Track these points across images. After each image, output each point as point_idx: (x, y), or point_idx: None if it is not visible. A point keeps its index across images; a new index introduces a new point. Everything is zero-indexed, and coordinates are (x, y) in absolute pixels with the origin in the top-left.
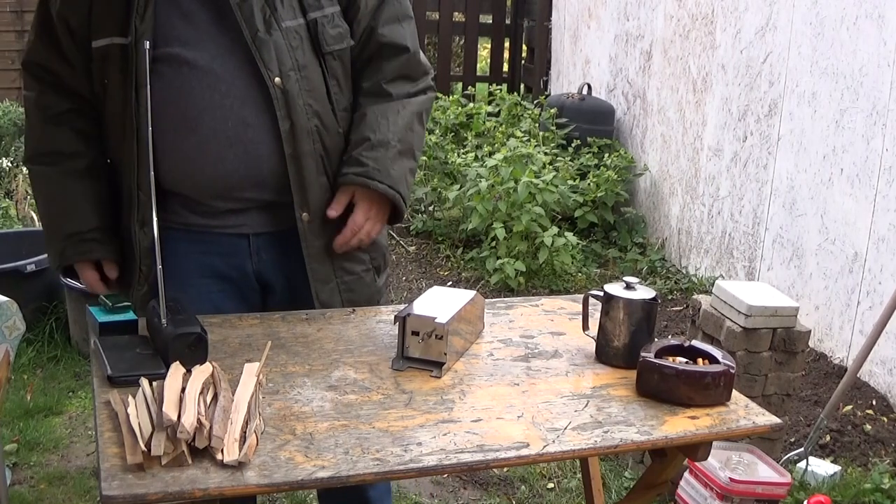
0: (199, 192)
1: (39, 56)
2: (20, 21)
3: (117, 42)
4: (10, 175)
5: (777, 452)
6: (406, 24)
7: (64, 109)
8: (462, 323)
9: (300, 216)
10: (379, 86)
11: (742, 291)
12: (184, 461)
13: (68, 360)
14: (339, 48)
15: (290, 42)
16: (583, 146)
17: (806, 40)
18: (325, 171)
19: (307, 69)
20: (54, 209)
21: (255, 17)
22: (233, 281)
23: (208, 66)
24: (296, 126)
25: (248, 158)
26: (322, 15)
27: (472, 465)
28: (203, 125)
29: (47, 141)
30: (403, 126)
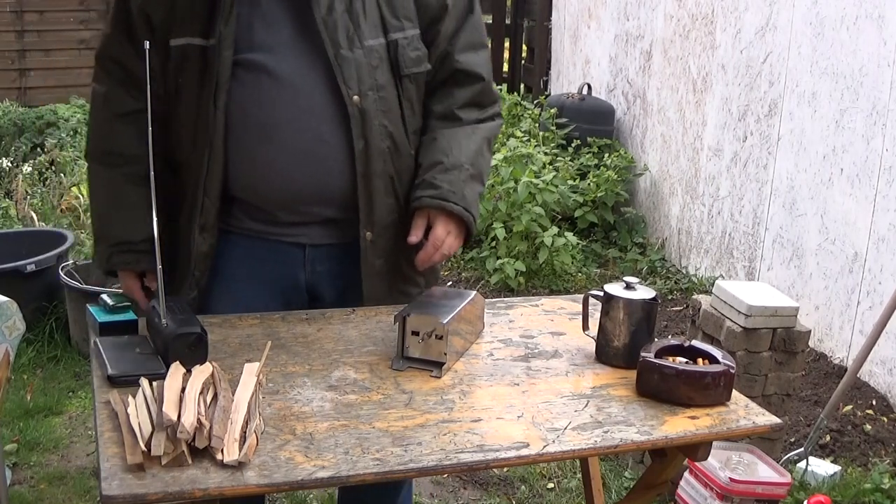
0: (265, 202)
1: (114, 50)
2: (20, 21)
3: (196, 43)
4: (10, 175)
5: (777, 452)
6: (482, 52)
7: (133, 109)
8: (462, 323)
9: (363, 235)
10: (451, 111)
11: (742, 291)
12: (184, 461)
13: (68, 360)
14: (417, 71)
15: (370, 61)
16: (583, 146)
17: (806, 40)
18: (394, 191)
19: (385, 90)
20: (107, 213)
21: (338, 32)
22: (282, 290)
23: (289, 78)
24: (370, 146)
25: (318, 174)
26: (403, 37)
27: (472, 465)
28: (279, 137)
29: (111, 140)
30: (474, 151)
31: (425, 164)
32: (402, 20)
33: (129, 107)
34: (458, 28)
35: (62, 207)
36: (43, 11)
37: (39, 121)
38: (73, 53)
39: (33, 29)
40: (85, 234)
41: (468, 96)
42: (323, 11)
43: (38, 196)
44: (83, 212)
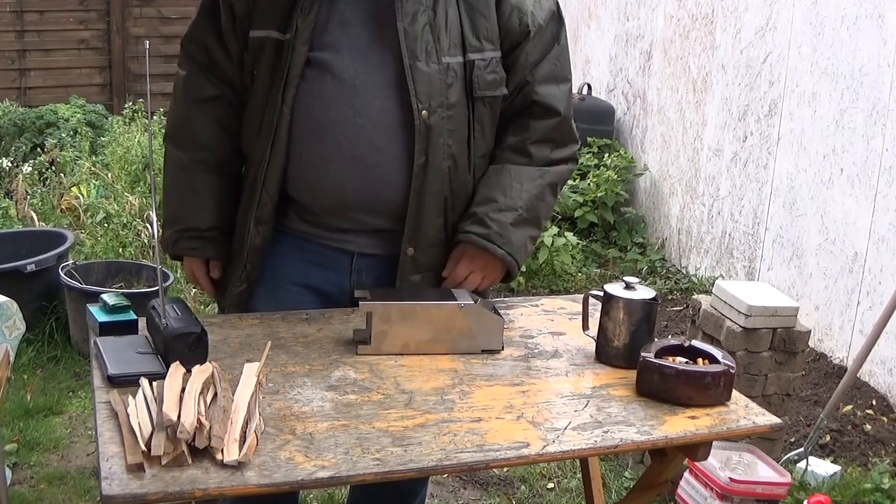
0: (316, 203)
1: (199, 35)
2: (20, 21)
3: (274, 36)
4: (11, 175)
5: (777, 452)
6: (563, 86)
7: (211, 95)
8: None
9: (405, 249)
10: (524, 145)
11: (742, 291)
12: (184, 461)
13: (68, 360)
14: (492, 95)
15: (445, 78)
16: (583, 146)
17: (806, 40)
18: (446, 212)
19: (455, 109)
20: (178, 197)
21: (418, 44)
22: (326, 295)
23: (351, 80)
24: (429, 163)
25: (368, 181)
26: (481, 58)
27: (472, 465)
28: (331, 137)
29: (187, 125)
30: (535, 195)
31: (480, 197)
32: (483, 41)
33: (207, 93)
34: (541, 58)
35: (62, 207)
36: (43, 11)
37: (39, 121)
38: (73, 53)
39: (33, 29)
40: (85, 234)
41: (544, 131)
42: (406, 21)
43: (38, 196)
44: (83, 212)
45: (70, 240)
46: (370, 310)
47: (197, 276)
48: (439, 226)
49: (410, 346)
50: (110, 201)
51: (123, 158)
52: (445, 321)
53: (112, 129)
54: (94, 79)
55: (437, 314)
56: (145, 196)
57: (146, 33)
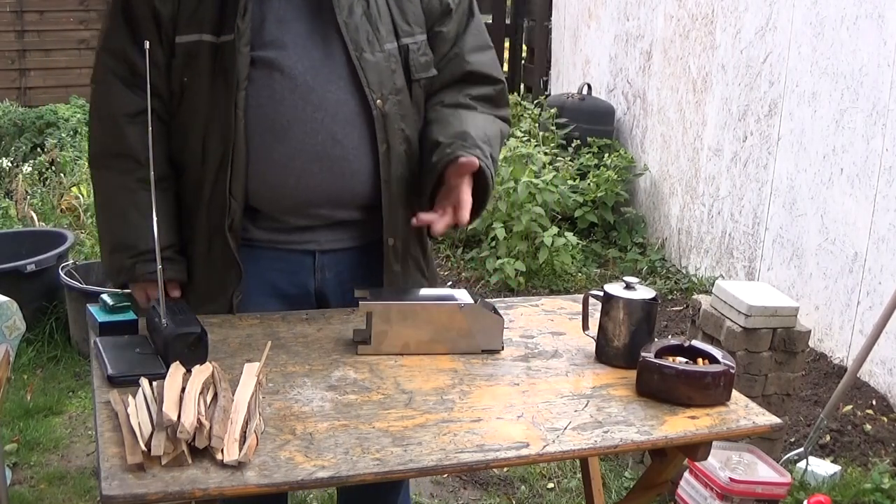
0: (276, 205)
1: (117, 46)
2: (20, 21)
3: (207, 40)
4: (11, 175)
5: (777, 452)
6: (489, 52)
7: (140, 108)
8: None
9: (387, 241)
10: (465, 100)
11: (742, 291)
12: (184, 461)
13: (68, 360)
14: (426, 76)
15: (389, 65)
16: (583, 146)
17: (806, 40)
18: (410, 196)
19: (402, 93)
20: (123, 222)
21: (360, 35)
22: (291, 297)
23: (302, 76)
24: (391, 150)
25: (331, 175)
26: (413, 42)
27: (472, 465)
28: (292, 136)
29: (119, 142)
30: (493, 134)
31: (449, 133)
32: (413, 25)
33: (136, 106)
34: (460, 31)
35: (62, 207)
36: (43, 11)
37: (39, 121)
38: (73, 53)
39: (33, 29)
40: (85, 234)
41: (482, 92)
42: (344, 14)
43: (38, 196)
44: (83, 212)
45: (70, 240)
46: (370, 310)
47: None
48: (405, 211)
49: (410, 346)
50: None
51: None
52: (445, 321)
53: None
54: None
55: (437, 314)
56: None
57: None
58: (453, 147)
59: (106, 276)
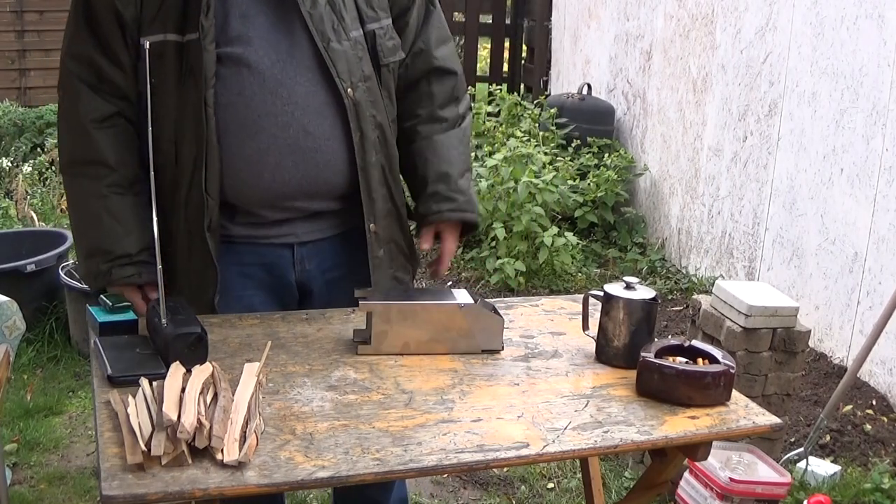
0: (251, 201)
1: (82, 51)
2: (20, 21)
3: (172, 39)
4: (11, 175)
5: (777, 452)
6: (450, 44)
7: (108, 113)
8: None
9: (368, 227)
10: (434, 112)
11: (742, 291)
12: (184, 461)
13: (68, 360)
14: (394, 60)
15: (356, 53)
16: (583, 146)
17: (806, 40)
18: (386, 181)
19: (370, 80)
20: (97, 227)
21: (325, 25)
22: (273, 290)
23: (269, 70)
24: (365, 137)
25: (305, 167)
26: (379, 27)
27: (472, 465)
28: (263, 131)
29: (89, 149)
30: (465, 152)
31: (433, 175)
32: (378, 10)
33: (104, 111)
34: (424, 19)
35: (62, 207)
36: (43, 11)
37: (39, 121)
38: None
39: (33, 29)
40: None
41: (446, 93)
42: (308, 5)
43: (38, 196)
44: None
45: (70, 240)
46: (370, 310)
47: (135, 303)
48: (385, 195)
49: (410, 346)
50: None
51: None
52: (445, 321)
53: None
54: None
55: (437, 314)
56: None
57: None
58: (436, 201)
59: (83, 281)
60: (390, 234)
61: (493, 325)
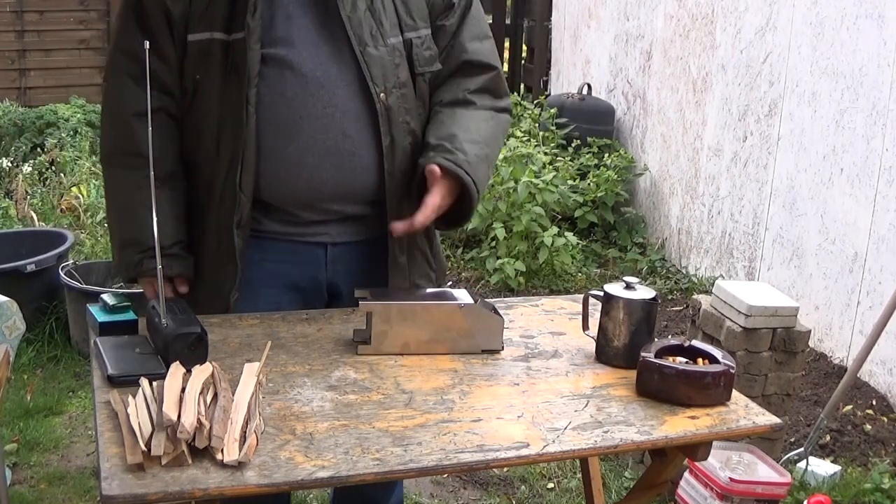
0: (288, 201)
1: (129, 45)
2: (20, 21)
3: (219, 38)
4: (11, 175)
5: (777, 452)
6: (487, 41)
7: (155, 107)
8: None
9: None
10: (464, 96)
11: (742, 291)
12: (184, 461)
13: (68, 360)
14: (430, 70)
15: (393, 59)
16: (583, 146)
17: (806, 40)
18: (411, 188)
19: (406, 87)
20: (132, 219)
21: (363, 30)
22: (302, 290)
23: (312, 73)
24: (395, 143)
25: (342, 170)
26: (417, 36)
27: (472, 465)
28: (303, 133)
29: (130, 140)
30: (490, 134)
31: (439, 133)
32: (417, 20)
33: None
34: (460, 23)
35: (62, 207)
36: (43, 11)
37: (39, 121)
38: (73, 53)
39: (33, 29)
40: (85, 233)
41: (480, 83)
42: (348, 9)
43: (38, 196)
44: (83, 212)
45: (70, 240)
46: (370, 310)
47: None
48: (412, 203)
49: (410, 346)
50: None
51: None
52: (445, 321)
53: None
54: (94, 79)
55: (437, 314)
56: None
57: None
58: (436, 151)
59: (115, 272)
60: (415, 241)
61: (493, 325)
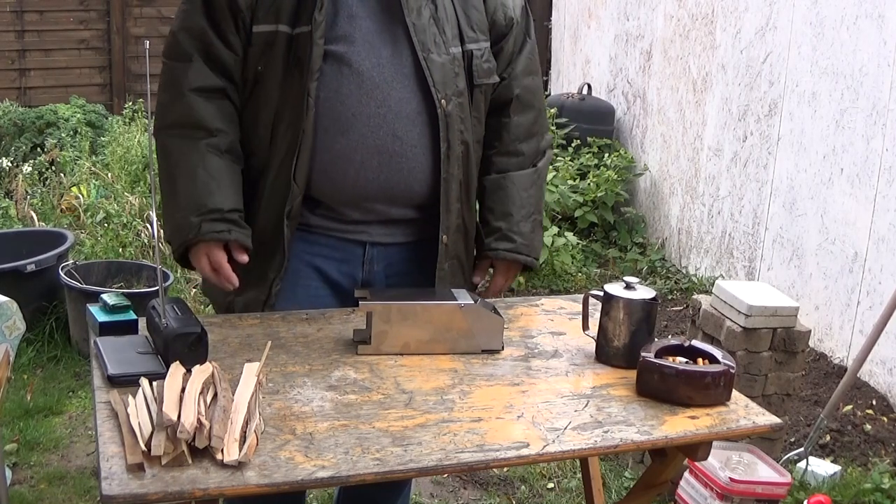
0: (334, 197)
1: (196, 28)
2: (20, 21)
3: (283, 31)
4: (10, 175)
5: (777, 452)
6: (537, 79)
7: (215, 87)
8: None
9: (441, 238)
10: (514, 147)
11: (742, 291)
12: (184, 461)
13: (68, 360)
14: (488, 83)
15: (454, 68)
16: (583, 146)
17: (806, 40)
18: (461, 197)
19: (463, 96)
20: (191, 182)
21: (427, 36)
22: (338, 286)
23: (368, 72)
24: (451, 150)
25: (390, 171)
26: (477, 48)
27: (472, 465)
28: (354, 130)
29: (192, 113)
30: (537, 196)
31: (497, 211)
32: (477, 32)
33: (211, 83)
34: (516, 51)
35: (62, 207)
36: (43, 11)
37: (39, 121)
38: (73, 53)
39: (33, 29)
40: (85, 233)
41: (526, 128)
42: (412, 15)
43: (38, 196)
44: (83, 212)
45: (70, 240)
46: (370, 310)
47: (220, 263)
48: (458, 211)
49: (410, 345)
50: (110, 201)
51: (123, 158)
52: (445, 321)
53: (112, 129)
54: (94, 79)
55: (437, 314)
56: (145, 196)
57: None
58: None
59: (169, 239)
60: (456, 249)
61: (493, 325)
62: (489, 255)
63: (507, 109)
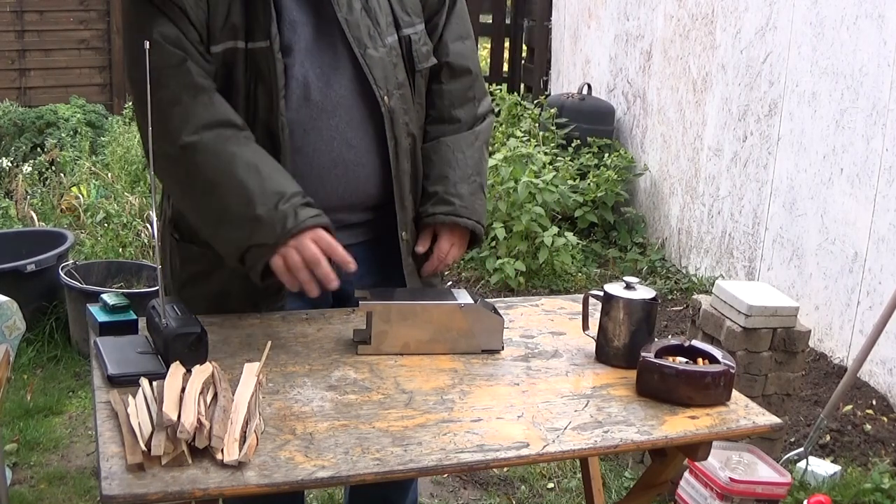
0: None
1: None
2: (20, 21)
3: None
4: (11, 175)
5: (777, 452)
6: (468, 42)
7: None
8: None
9: (401, 235)
10: (446, 113)
11: (742, 291)
12: (184, 461)
13: (68, 360)
14: (427, 66)
15: (391, 59)
16: (583, 146)
17: (806, 40)
18: (414, 190)
19: (404, 87)
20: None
21: (361, 31)
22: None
23: (315, 83)
24: (399, 146)
25: (347, 180)
26: (413, 32)
27: (472, 465)
28: (309, 145)
29: (216, 111)
30: (477, 158)
31: (433, 176)
32: (412, 15)
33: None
34: (447, 16)
35: (62, 207)
36: (43, 11)
37: (39, 121)
38: (73, 53)
39: (33, 29)
40: (85, 233)
41: (461, 92)
42: (343, 11)
43: (38, 196)
44: (83, 212)
45: (70, 240)
46: (370, 310)
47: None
48: (413, 204)
49: (410, 345)
50: (110, 201)
51: (123, 158)
52: (445, 321)
53: (112, 129)
54: (94, 79)
55: (437, 314)
56: (145, 196)
57: None
58: (433, 204)
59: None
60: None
61: (493, 324)
62: (427, 221)
63: (438, 76)
